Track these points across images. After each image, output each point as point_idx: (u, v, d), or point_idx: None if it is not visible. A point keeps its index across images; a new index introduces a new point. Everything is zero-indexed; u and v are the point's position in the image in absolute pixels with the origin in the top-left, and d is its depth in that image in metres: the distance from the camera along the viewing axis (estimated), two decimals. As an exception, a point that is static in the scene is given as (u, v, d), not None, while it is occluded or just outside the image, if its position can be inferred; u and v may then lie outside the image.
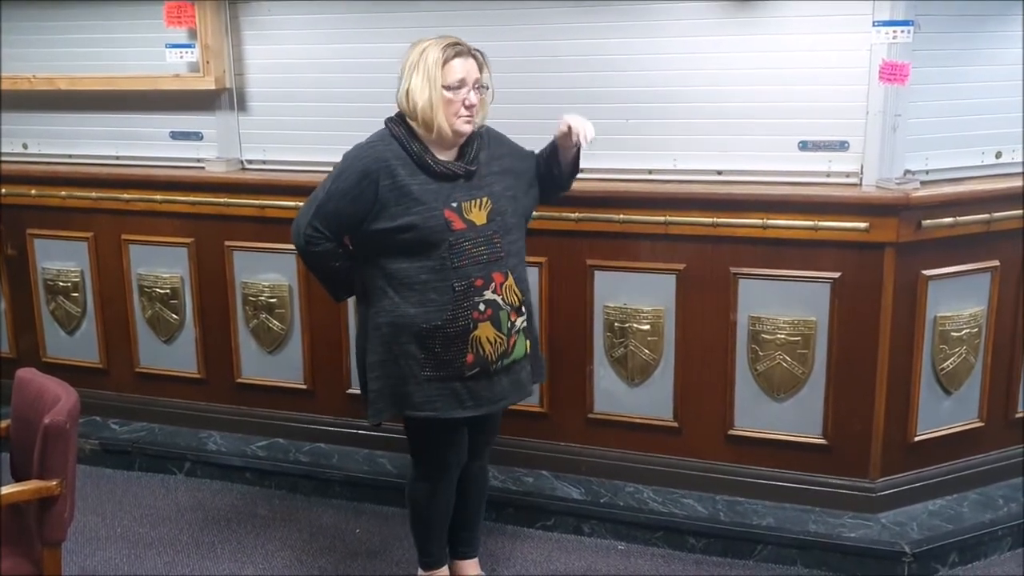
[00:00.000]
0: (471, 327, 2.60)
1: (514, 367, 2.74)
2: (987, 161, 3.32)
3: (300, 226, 2.69)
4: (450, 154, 2.67)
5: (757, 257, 3.27)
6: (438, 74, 2.55)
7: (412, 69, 2.59)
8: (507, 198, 2.70)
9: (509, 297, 2.66)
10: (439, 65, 2.56)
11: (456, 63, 2.58)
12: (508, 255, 2.67)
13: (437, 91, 2.56)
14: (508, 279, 2.66)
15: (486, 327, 2.62)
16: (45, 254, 4.23)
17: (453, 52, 2.57)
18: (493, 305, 2.62)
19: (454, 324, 2.59)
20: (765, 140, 3.28)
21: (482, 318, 2.61)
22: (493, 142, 2.77)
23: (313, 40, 3.70)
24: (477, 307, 2.60)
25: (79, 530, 3.50)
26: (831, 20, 3.13)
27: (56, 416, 2.35)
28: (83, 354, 4.26)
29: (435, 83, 2.55)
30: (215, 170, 3.88)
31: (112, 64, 3.97)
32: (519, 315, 2.70)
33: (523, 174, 2.80)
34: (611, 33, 3.33)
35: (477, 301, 2.60)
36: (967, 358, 3.34)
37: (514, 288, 2.68)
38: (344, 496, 3.76)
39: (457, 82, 2.57)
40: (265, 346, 3.96)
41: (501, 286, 2.64)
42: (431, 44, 2.59)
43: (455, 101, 2.57)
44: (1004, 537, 3.29)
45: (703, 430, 3.46)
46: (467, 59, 2.60)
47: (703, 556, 3.33)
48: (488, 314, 2.62)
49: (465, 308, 2.59)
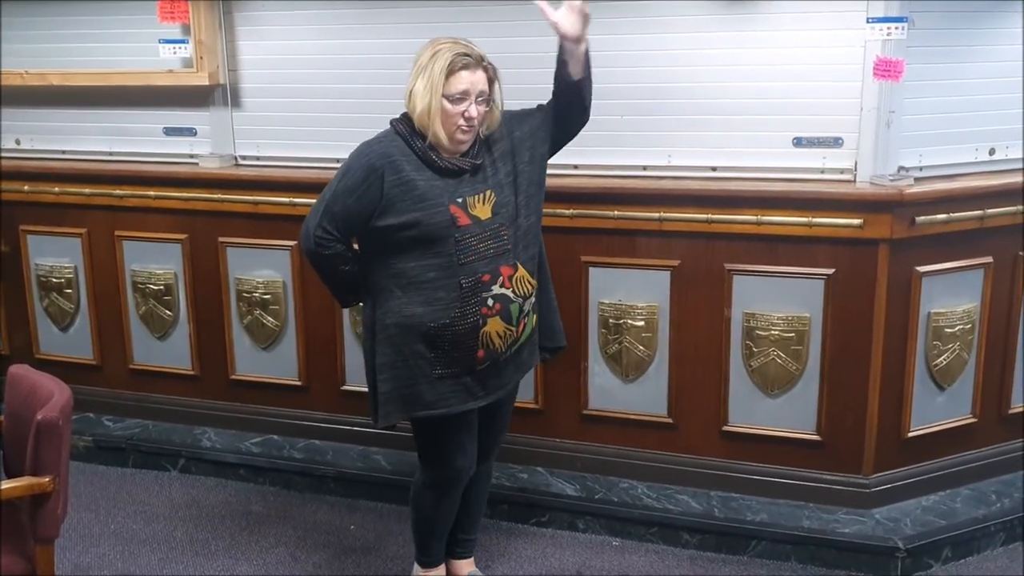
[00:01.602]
0: (480, 323, 2.58)
1: (520, 350, 2.74)
2: (980, 157, 3.33)
3: (309, 229, 2.63)
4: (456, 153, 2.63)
5: (751, 253, 3.28)
6: (441, 83, 2.51)
7: (420, 71, 2.55)
8: (508, 184, 2.65)
9: (521, 288, 2.64)
10: (443, 74, 2.50)
11: (463, 75, 2.52)
12: (515, 245, 2.63)
13: (437, 100, 2.52)
14: (518, 270, 2.63)
15: (495, 322, 2.60)
16: (38, 250, 4.22)
17: (461, 63, 2.51)
18: (502, 299, 2.60)
19: (463, 322, 2.57)
20: (760, 136, 3.28)
21: (491, 313, 2.59)
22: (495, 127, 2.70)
23: (307, 36, 3.69)
24: (485, 303, 2.58)
25: (73, 527, 3.49)
26: (825, 17, 3.13)
27: (49, 412, 2.35)
28: (76, 351, 4.25)
29: (436, 91, 2.51)
30: (209, 166, 3.87)
31: (105, 60, 3.95)
32: (528, 299, 2.69)
33: (519, 144, 2.70)
34: (605, 29, 3.31)
35: (485, 297, 2.58)
36: (960, 354, 3.35)
37: (526, 278, 2.66)
38: (338, 492, 3.76)
39: (459, 94, 2.52)
40: (259, 342, 3.96)
41: (510, 279, 2.62)
42: (443, 48, 2.53)
43: (454, 113, 2.53)
44: (997, 532, 3.30)
45: (697, 426, 3.46)
46: (475, 71, 2.54)
47: (697, 552, 3.34)
48: (497, 309, 2.59)
49: (473, 304, 2.57)
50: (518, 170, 2.69)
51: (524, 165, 2.70)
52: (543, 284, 2.81)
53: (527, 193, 2.69)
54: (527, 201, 2.69)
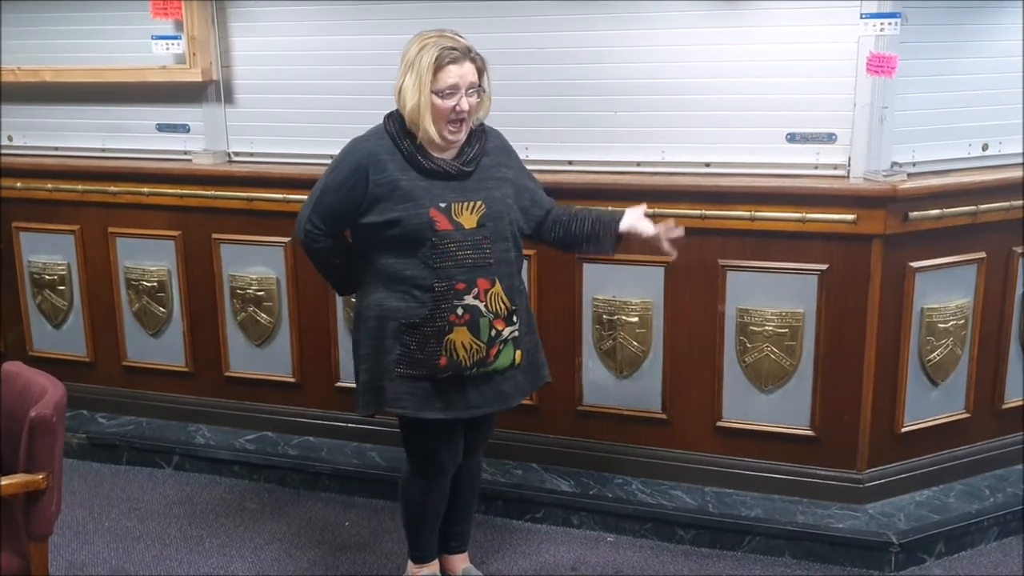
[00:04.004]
0: (447, 329, 2.57)
1: (496, 377, 2.68)
2: (974, 153, 3.34)
3: (301, 221, 2.68)
4: (448, 153, 2.63)
5: (745, 249, 3.28)
6: (429, 79, 2.50)
7: (408, 67, 2.54)
8: (506, 206, 2.66)
9: (494, 305, 2.61)
10: (431, 70, 2.50)
11: (451, 69, 2.51)
12: (498, 263, 2.62)
13: (426, 95, 2.51)
14: (495, 286, 2.61)
15: (462, 332, 2.58)
16: (31, 247, 4.21)
17: (448, 57, 2.50)
18: (473, 311, 2.58)
19: (431, 323, 2.57)
20: (753, 132, 3.28)
21: (459, 322, 2.57)
22: (501, 152, 2.74)
23: (300, 32, 3.68)
24: (455, 310, 2.56)
25: (66, 524, 3.49)
26: (819, 12, 3.13)
27: (42, 409, 2.34)
28: (70, 348, 4.24)
29: (425, 88, 2.51)
30: (202, 162, 3.87)
31: (98, 56, 3.94)
32: (508, 324, 2.64)
33: (524, 189, 2.76)
34: (599, 25, 3.32)
35: (456, 304, 2.56)
36: (954, 349, 3.36)
37: (502, 296, 2.62)
38: (333, 489, 3.76)
39: (448, 88, 2.51)
40: (253, 339, 3.95)
41: (485, 293, 2.59)
42: (429, 43, 2.52)
43: (444, 107, 2.53)
44: (990, 527, 3.30)
45: (691, 422, 3.47)
46: (463, 64, 2.53)
47: (692, 547, 3.34)
48: (466, 319, 2.57)
49: (443, 309, 2.56)
50: (516, 204, 2.72)
51: (518, 206, 2.74)
52: (530, 326, 2.81)
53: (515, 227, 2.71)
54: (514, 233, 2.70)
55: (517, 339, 2.68)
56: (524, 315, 2.74)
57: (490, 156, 2.69)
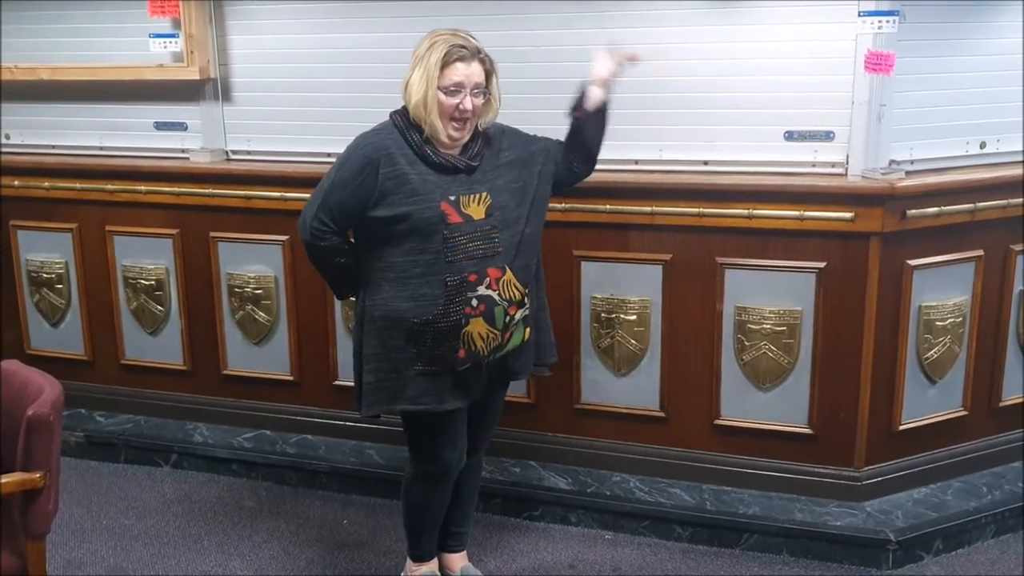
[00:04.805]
0: (463, 323, 2.58)
1: (507, 358, 2.72)
2: (971, 151, 3.34)
3: (306, 219, 2.64)
4: (453, 149, 2.64)
5: (743, 247, 3.28)
6: (436, 74, 2.52)
7: (417, 62, 2.56)
8: (511, 191, 2.66)
9: (507, 292, 2.62)
10: (438, 66, 2.51)
11: (458, 66, 2.53)
12: (507, 249, 2.62)
13: (432, 91, 2.52)
14: (506, 274, 2.62)
15: (478, 323, 2.59)
16: (29, 246, 4.21)
17: (456, 55, 2.52)
18: (487, 301, 2.59)
19: (445, 319, 2.57)
20: (751, 130, 3.28)
21: (474, 314, 2.58)
22: (501, 137, 2.74)
23: (298, 30, 3.68)
24: (469, 302, 2.57)
25: (64, 523, 3.49)
26: (817, 10, 3.13)
27: (40, 408, 2.34)
28: (68, 346, 4.24)
29: (432, 83, 2.52)
30: (200, 161, 3.87)
31: (95, 54, 3.94)
32: (520, 308, 2.67)
33: (531, 158, 2.74)
34: (596, 23, 3.32)
35: (470, 296, 2.57)
36: (951, 347, 3.36)
37: (514, 283, 2.64)
38: (331, 487, 3.76)
39: (453, 86, 2.53)
40: (251, 338, 3.95)
41: (497, 281, 2.60)
42: (440, 40, 2.54)
43: (448, 104, 2.53)
44: (987, 525, 3.31)
45: (689, 420, 3.47)
46: (470, 63, 2.54)
47: (690, 545, 3.35)
48: (481, 310, 2.59)
49: (457, 303, 2.57)
50: (527, 180, 2.71)
51: (534, 178, 2.73)
52: (541, 301, 2.82)
53: (534, 204, 2.71)
54: (535, 211, 2.71)
55: (526, 318, 2.71)
56: (534, 293, 2.75)
57: (493, 147, 2.70)
